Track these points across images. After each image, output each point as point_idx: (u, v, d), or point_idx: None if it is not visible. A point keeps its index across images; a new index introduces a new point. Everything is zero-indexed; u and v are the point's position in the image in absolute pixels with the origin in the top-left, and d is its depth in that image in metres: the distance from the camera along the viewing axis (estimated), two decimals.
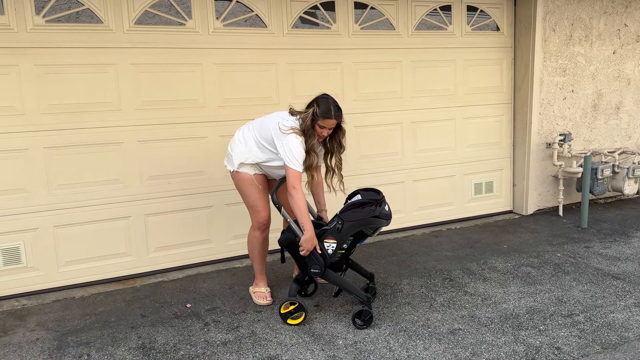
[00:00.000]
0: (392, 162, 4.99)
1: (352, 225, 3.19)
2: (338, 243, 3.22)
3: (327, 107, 3.24)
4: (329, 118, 3.23)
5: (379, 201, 3.23)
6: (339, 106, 3.30)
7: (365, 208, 3.20)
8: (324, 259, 3.22)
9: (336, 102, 3.31)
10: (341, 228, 3.19)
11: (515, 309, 3.44)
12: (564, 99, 5.56)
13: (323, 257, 3.22)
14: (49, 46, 3.68)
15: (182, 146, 4.15)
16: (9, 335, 3.25)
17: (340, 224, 3.20)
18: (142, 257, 4.14)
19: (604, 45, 5.68)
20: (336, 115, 3.27)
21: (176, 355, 2.97)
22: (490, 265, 4.19)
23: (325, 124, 3.25)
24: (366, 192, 3.36)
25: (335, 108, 3.26)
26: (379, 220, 3.21)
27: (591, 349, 2.95)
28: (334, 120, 3.26)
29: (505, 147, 5.57)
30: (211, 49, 4.14)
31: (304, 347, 3.02)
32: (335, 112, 3.26)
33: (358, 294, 3.28)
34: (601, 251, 4.46)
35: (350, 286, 3.30)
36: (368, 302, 3.25)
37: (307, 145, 3.28)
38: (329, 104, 3.25)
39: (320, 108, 3.24)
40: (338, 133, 3.38)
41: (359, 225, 3.20)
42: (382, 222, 3.23)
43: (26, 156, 3.72)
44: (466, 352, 2.94)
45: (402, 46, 4.87)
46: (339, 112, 3.29)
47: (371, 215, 3.18)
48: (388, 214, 3.25)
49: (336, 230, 3.21)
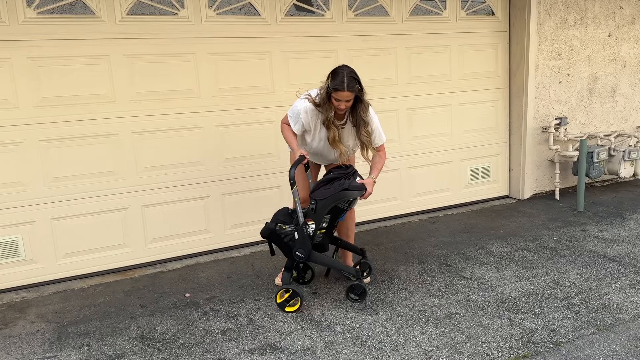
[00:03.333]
0: (388, 149, 4.95)
1: (324, 202, 3.22)
2: (316, 223, 3.25)
3: (340, 79, 3.12)
4: (340, 90, 3.12)
5: (347, 174, 3.27)
6: (354, 77, 3.15)
7: (334, 183, 3.24)
8: (306, 242, 3.24)
9: (353, 73, 3.17)
10: (315, 208, 3.23)
11: (511, 292, 3.47)
12: (559, 82, 5.55)
13: (305, 240, 3.24)
14: (41, 38, 3.67)
15: (177, 137, 4.15)
16: (9, 327, 3.27)
17: (313, 204, 3.24)
18: (140, 248, 4.16)
19: (599, 28, 5.66)
20: (349, 86, 3.11)
21: (175, 344, 3.00)
22: (486, 250, 4.21)
23: (338, 96, 3.15)
24: (337, 169, 3.41)
25: (349, 79, 3.12)
26: (350, 192, 3.23)
27: (586, 331, 2.98)
28: (346, 92, 3.12)
29: (501, 132, 5.57)
30: (205, 38, 4.12)
31: (302, 334, 3.05)
32: (348, 83, 3.11)
33: (346, 269, 3.35)
34: (597, 234, 4.49)
35: (337, 264, 3.36)
36: (358, 276, 3.31)
37: (326, 119, 3.24)
38: (341, 76, 3.12)
39: (333, 80, 3.14)
40: (358, 106, 3.25)
41: (332, 201, 3.22)
42: (353, 193, 3.25)
43: (21, 149, 3.72)
44: (462, 335, 2.97)
45: (397, 32, 4.85)
46: (353, 84, 3.13)
47: (341, 189, 3.21)
48: (359, 185, 3.27)
49: (311, 211, 3.24)
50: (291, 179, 3.25)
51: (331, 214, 3.30)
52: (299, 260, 3.31)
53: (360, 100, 3.25)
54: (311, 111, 3.29)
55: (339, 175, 3.31)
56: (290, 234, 3.28)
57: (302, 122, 3.34)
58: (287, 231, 3.28)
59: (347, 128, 3.37)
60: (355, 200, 3.35)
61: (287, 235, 3.29)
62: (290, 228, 3.27)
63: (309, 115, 3.31)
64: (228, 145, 4.31)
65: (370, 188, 3.33)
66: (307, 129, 3.38)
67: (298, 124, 3.36)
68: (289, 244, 3.30)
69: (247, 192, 4.40)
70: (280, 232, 3.29)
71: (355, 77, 3.17)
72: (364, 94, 3.24)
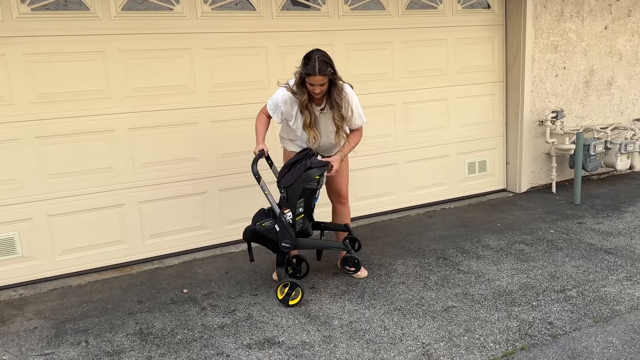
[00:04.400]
0: (385, 143, 5.00)
1: (292, 187, 3.24)
2: (292, 210, 3.27)
3: (312, 64, 3.10)
4: (312, 75, 3.11)
5: (307, 155, 3.31)
6: (326, 61, 3.13)
7: (296, 166, 3.27)
8: (289, 231, 3.26)
9: (325, 57, 3.14)
10: (286, 195, 3.26)
11: (508, 285, 3.48)
12: (555, 76, 5.55)
13: (287, 229, 3.25)
14: (35, 35, 3.65)
15: (173, 132, 4.14)
16: (7, 324, 3.27)
17: (283, 192, 3.27)
18: (137, 244, 4.16)
19: (595, 20, 5.65)
20: (320, 70, 3.08)
21: (174, 340, 3.00)
22: (483, 244, 4.22)
23: (311, 81, 3.14)
24: (299, 153, 3.43)
25: (320, 63, 3.09)
26: (314, 170, 3.25)
27: (583, 323, 2.99)
28: (318, 76, 3.10)
29: (498, 126, 5.57)
30: (200, 33, 4.11)
31: (300, 328, 3.06)
32: (320, 67, 3.08)
33: (335, 245, 3.46)
34: (594, 227, 4.50)
35: (324, 243, 3.46)
36: (347, 248, 3.43)
37: (301, 103, 3.25)
38: (313, 61, 3.10)
39: (305, 66, 3.14)
40: (332, 90, 3.23)
41: (299, 184, 3.24)
42: (318, 170, 3.26)
43: (17, 146, 3.70)
44: (460, 328, 2.98)
45: (393, 26, 4.84)
46: (325, 67, 3.10)
47: (305, 169, 3.23)
48: (320, 161, 3.29)
49: (284, 200, 3.27)
50: (255, 174, 3.27)
51: (303, 197, 3.32)
52: (286, 250, 3.31)
53: (334, 84, 3.22)
54: (290, 99, 3.31)
55: (299, 157, 3.34)
56: (271, 229, 3.30)
57: (281, 111, 3.37)
58: (268, 227, 3.30)
59: (328, 113, 3.35)
60: (323, 177, 3.36)
61: (268, 230, 3.30)
62: (270, 223, 3.29)
63: (288, 104, 3.33)
64: (224, 141, 4.31)
65: (336, 164, 3.35)
66: (287, 117, 3.39)
67: (277, 112, 3.39)
68: (272, 238, 3.31)
69: (243, 187, 4.39)
70: (261, 230, 3.31)
71: (327, 61, 3.14)
72: (338, 77, 3.21)
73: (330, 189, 3.67)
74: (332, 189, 3.66)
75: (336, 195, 3.67)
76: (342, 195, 3.67)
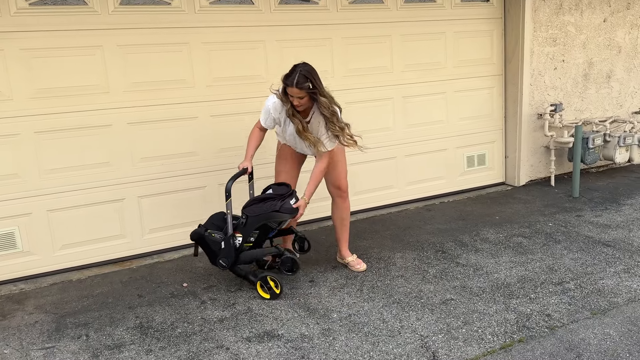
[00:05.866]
0: (383, 137, 5.00)
1: (254, 219, 3.33)
2: (243, 237, 3.36)
3: (292, 76, 3.16)
4: (289, 86, 3.18)
5: (282, 196, 3.39)
6: (307, 76, 3.15)
7: (267, 203, 3.36)
8: (231, 253, 3.35)
9: (308, 72, 3.17)
10: (245, 222, 3.34)
11: (506, 278, 3.49)
12: (554, 69, 5.55)
13: (230, 251, 3.35)
14: (34, 30, 3.64)
15: (172, 127, 4.15)
16: (7, 319, 3.29)
17: (244, 218, 3.35)
18: (137, 238, 4.17)
19: (594, 13, 5.65)
20: (297, 84, 3.13)
21: (174, 333, 3.02)
22: (482, 237, 4.24)
23: (290, 92, 3.21)
24: (278, 187, 3.53)
25: (299, 77, 3.13)
26: (280, 214, 3.34)
27: (581, 315, 3.01)
28: (295, 89, 3.16)
29: (496, 119, 5.57)
30: (198, 27, 4.10)
31: (299, 322, 3.07)
32: (297, 80, 3.12)
33: (269, 251, 3.48)
34: (592, 219, 4.51)
35: (259, 252, 3.45)
36: (281, 251, 3.42)
37: (287, 111, 3.32)
38: (294, 73, 3.16)
39: (286, 77, 3.21)
40: (317, 105, 3.27)
41: (261, 219, 3.34)
42: (284, 215, 3.36)
43: (16, 141, 3.71)
44: (458, 321, 2.99)
45: (392, 20, 4.84)
46: (303, 81, 3.13)
47: (272, 210, 3.33)
48: (290, 208, 3.37)
49: (241, 225, 3.35)
50: (227, 191, 3.33)
51: (260, 231, 3.41)
52: (220, 268, 3.42)
53: (316, 99, 3.24)
54: (279, 106, 3.37)
55: (275, 195, 3.42)
56: (217, 242, 3.38)
57: (272, 117, 3.44)
58: (215, 239, 3.39)
59: (314, 122, 3.38)
60: (284, 222, 3.46)
61: (214, 242, 3.40)
62: (219, 236, 3.38)
63: (277, 110, 3.40)
64: (223, 136, 4.31)
65: (301, 210, 3.42)
66: (277, 123, 3.47)
67: (269, 119, 3.46)
68: (215, 250, 3.41)
69: (244, 182, 4.39)
70: (209, 239, 3.41)
71: (308, 76, 3.17)
72: (320, 93, 3.22)
73: (330, 182, 3.68)
74: (331, 182, 3.67)
75: (336, 188, 3.68)
76: (342, 189, 3.68)
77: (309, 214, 4.31)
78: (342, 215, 3.74)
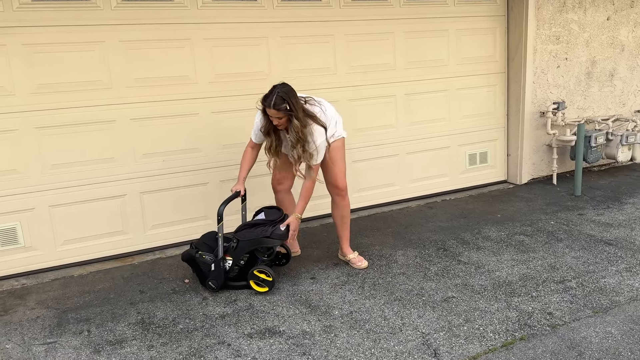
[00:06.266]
0: (386, 134, 5.00)
1: (245, 244, 3.37)
2: (234, 260, 3.38)
3: (270, 97, 3.22)
4: (267, 107, 3.25)
5: (273, 222, 3.43)
6: (285, 98, 3.19)
7: (258, 228, 3.41)
8: (221, 275, 3.38)
9: (285, 93, 3.20)
10: (236, 247, 3.37)
11: (508, 276, 3.49)
12: (557, 67, 5.53)
13: (220, 273, 3.38)
14: (36, 25, 3.64)
15: (175, 123, 4.14)
16: (9, 314, 3.29)
17: (235, 242, 3.37)
18: (139, 234, 4.17)
19: (597, 11, 5.63)
20: (274, 105, 3.18)
21: (175, 329, 3.02)
22: (484, 235, 4.23)
23: (268, 112, 3.27)
24: (270, 210, 3.57)
25: (277, 98, 3.18)
26: (270, 241, 3.37)
27: (582, 313, 3.00)
28: (272, 110, 3.22)
29: (499, 117, 5.56)
30: (200, 23, 4.10)
31: (300, 318, 3.08)
32: (274, 102, 3.17)
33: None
34: (594, 218, 4.51)
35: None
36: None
37: (266, 126, 3.38)
38: (272, 94, 3.22)
39: (264, 97, 3.27)
40: (290, 126, 3.27)
41: (253, 244, 3.37)
42: (275, 242, 3.39)
43: (18, 137, 3.71)
44: (459, 319, 2.99)
45: (395, 17, 4.82)
46: (280, 103, 3.18)
47: (262, 236, 3.36)
48: (281, 234, 3.39)
49: (232, 249, 3.38)
50: (218, 215, 3.36)
51: (250, 255, 3.43)
52: (210, 289, 3.44)
53: (291, 121, 3.26)
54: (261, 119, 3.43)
55: (266, 221, 3.46)
56: (207, 264, 3.41)
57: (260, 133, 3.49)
58: (206, 260, 3.42)
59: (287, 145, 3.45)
60: (274, 248, 3.48)
61: (204, 264, 3.43)
62: (209, 258, 3.41)
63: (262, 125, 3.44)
64: (225, 132, 4.31)
65: (293, 226, 3.43)
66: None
67: (258, 134, 3.50)
68: (204, 271, 3.44)
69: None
70: (199, 260, 3.44)
71: (285, 98, 3.20)
72: (296, 115, 3.23)
73: (327, 181, 3.66)
74: (329, 181, 3.65)
75: (333, 187, 3.66)
76: (339, 187, 3.66)
77: (310, 211, 4.31)
78: (342, 213, 3.74)
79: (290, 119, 3.26)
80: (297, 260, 3.85)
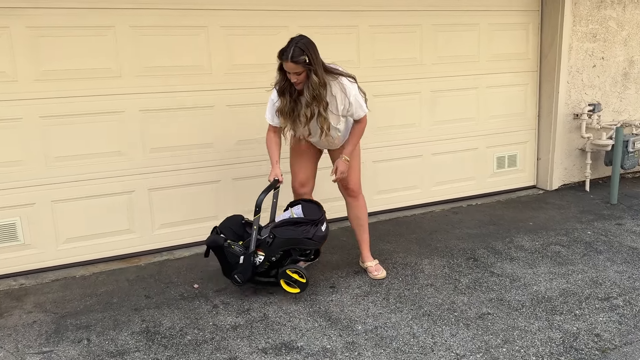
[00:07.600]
0: (409, 134, 4.70)
1: (283, 242, 3.07)
2: (266, 256, 3.08)
3: (284, 50, 2.91)
4: (284, 61, 2.91)
5: (315, 221, 3.12)
6: (303, 49, 2.87)
7: (300, 227, 3.09)
8: (248, 270, 3.08)
9: (304, 44, 2.89)
10: (271, 243, 3.06)
11: (547, 291, 3.18)
12: (593, 66, 5.20)
13: (248, 268, 3.08)
14: (41, 6, 3.39)
15: (187, 116, 3.88)
16: (4, 317, 3.04)
17: (271, 238, 3.06)
18: (146, 234, 3.91)
19: (637, 8, 5.29)
20: (292, 57, 2.85)
21: (183, 341, 2.75)
22: (516, 244, 3.92)
23: (286, 67, 2.94)
24: (308, 205, 3.23)
25: (295, 50, 2.86)
26: (312, 242, 3.10)
27: (634, 336, 2.70)
28: (290, 63, 2.88)
29: (530, 119, 5.24)
30: (217, 10, 3.83)
31: (320, 332, 2.79)
32: (292, 54, 2.85)
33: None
34: (634, 229, 4.18)
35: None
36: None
37: (281, 85, 3.04)
38: (289, 46, 2.90)
39: (280, 51, 2.93)
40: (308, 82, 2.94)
41: (290, 243, 3.09)
42: (316, 244, 3.13)
43: (20, 126, 3.46)
44: (497, 339, 2.69)
45: (423, 8, 4.52)
46: (299, 55, 2.86)
47: (304, 237, 3.07)
48: (323, 235, 3.14)
49: (266, 244, 3.07)
50: (257, 206, 3.07)
51: (284, 253, 3.15)
52: (234, 283, 3.16)
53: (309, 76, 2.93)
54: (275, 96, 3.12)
55: (307, 220, 3.13)
56: (236, 256, 3.09)
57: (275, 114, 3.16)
58: (235, 252, 3.09)
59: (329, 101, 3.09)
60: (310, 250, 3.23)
61: (232, 255, 3.10)
62: (239, 250, 3.09)
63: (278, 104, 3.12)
64: (241, 127, 4.03)
65: (342, 167, 3.20)
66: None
67: (274, 116, 3.17)
68: (231, 262, 3.12)
69: (259, 176, 4.11)
70: (227, 250, 3.11)
71: (304, 50, 2.88)
72: (316, 69, 2.91)
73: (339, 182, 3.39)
74: (339, 182, 3.38)
75: (344, 188, 3.40)
76: (351, 189, 3.38)
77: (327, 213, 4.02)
78: (357, 214, 3.45)
79: (309, 74, 2.93)
80: (314, 267, 3.57)
